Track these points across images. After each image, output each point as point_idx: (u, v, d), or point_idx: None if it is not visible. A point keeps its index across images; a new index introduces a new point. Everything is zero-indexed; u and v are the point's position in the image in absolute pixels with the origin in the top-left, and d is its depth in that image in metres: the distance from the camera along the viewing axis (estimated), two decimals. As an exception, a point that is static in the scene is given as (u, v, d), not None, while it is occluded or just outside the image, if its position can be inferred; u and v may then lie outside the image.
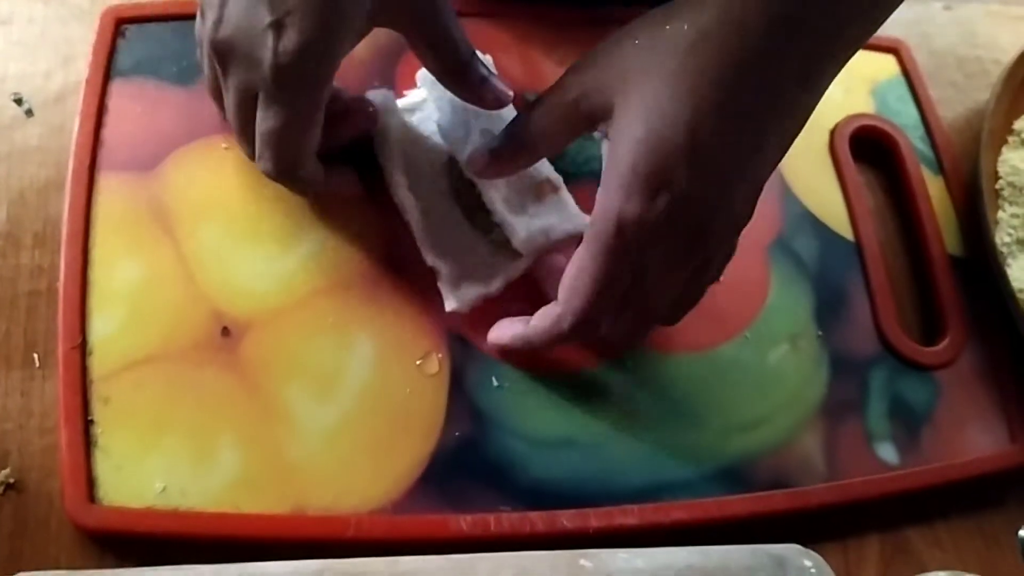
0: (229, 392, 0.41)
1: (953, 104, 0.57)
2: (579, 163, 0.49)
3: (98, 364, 0.40)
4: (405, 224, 0.45)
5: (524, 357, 0.43)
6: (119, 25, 0.47)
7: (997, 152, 0.54)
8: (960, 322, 0.49)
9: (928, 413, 0.47)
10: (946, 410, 0.47)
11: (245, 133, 0.41)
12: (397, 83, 0.48)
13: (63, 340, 0.40)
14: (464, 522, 0.40)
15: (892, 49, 0.57)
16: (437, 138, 0.46)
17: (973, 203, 0.52)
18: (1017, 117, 0.55)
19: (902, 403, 0.47)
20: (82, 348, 0.40)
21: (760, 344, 0.47)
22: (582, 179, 0.47)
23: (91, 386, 0.40)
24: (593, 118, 0.38)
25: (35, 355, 0.41)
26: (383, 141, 0.45)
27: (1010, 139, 0.55)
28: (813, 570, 0.37)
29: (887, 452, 0.46)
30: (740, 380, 0.46)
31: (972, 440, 0.47)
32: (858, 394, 0.47)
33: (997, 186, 0.53)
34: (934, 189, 0.53)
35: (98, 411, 0.39)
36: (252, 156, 0.41)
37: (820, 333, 0.48)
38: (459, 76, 0.42)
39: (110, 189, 0.43)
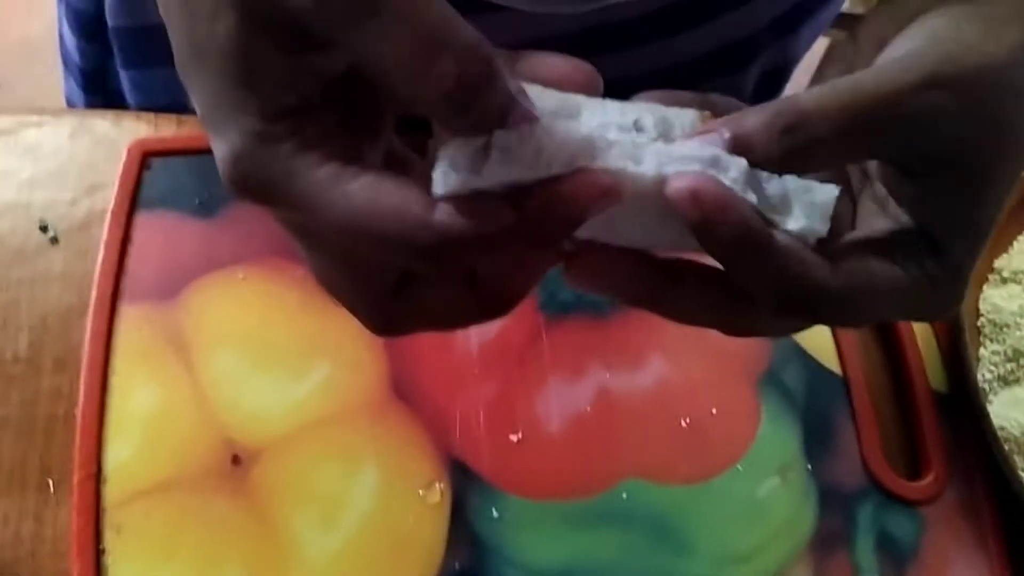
0: (238, 520, 0.42)
1: (936, 239, 0.60)
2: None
3: (111, 492, 0.41)
4: (412, 349, 0.47)
5: None
6: (145, 158, 0.49)
7: (979, 290, 0.57)
8: (943, 458, 0.51)
9: (914, 548, 0.49)
10: (931, 545, 0.49)
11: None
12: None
13: (78, 467, 0.41)
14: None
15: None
16: None
17: (955, 340, 0.54)
18: (998, 256, 0.58)
19: (888, 537, 0.49)
20: (97, 476, 0.41)
21: (751, 476, 0.49)
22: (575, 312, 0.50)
23: (103, 514, 0.41)
24: None
25: (50, 480, 0.42)
26: None
27: (991, 277, 0.57)
28: None
29: (874, 587, 0.47)
30: (732, 512, 0.48)
31: None
32: (846, 527, 0.48)
33: (978, 323, 0.55)
34: (918, 325, 0.55)
35: (109, 540, 0.40)
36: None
37: (809, 466, 0.50)
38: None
39: (131, 317, 0.45)
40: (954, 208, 0.29)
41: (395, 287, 0.29)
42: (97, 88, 0.60)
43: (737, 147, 0.26)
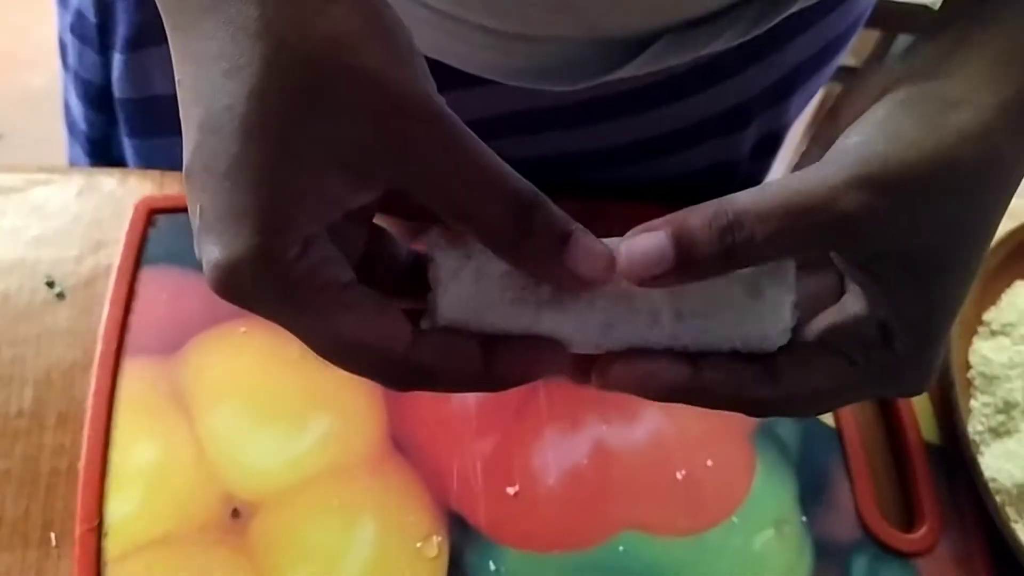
0: (237, 573, 0.42)
1: (925, 293, 0.61)
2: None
3: (112, 546, 0.42)
4: (411, 403, 0.47)
5: None
6: (151, 215, 0.50)
7: (968, 342, 0.57)
8: (936, 510, 0.51)
9: (909, 601, 0.49)
10: (926, 598, 0.49)
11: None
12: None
13: (80, 522, 0.42)
14: None
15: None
16: None
17: (946, 392, 0.55)
18: (987, 308, 0.59)
19: (884, 590, 0.49)
20: (98, 530, 0.42)
21: (747, 529, 0.49)
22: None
23: (105, 567, 0.41)
24: None
25: (52, 534, 0.42)
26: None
27: (980, 329, 0.58)
28: None
29: (870, 640, 0.47)
30: (728, 564, 0.48)
31: (952, 628, 0.49)
32: (841, 580, 0.49)
33: (969, 375, 0.56)
34: (909, 377, 0.56)
35: (110, 593, 0.41)
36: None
37: (804, 518, 0.50)
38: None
39: (134, 373, 0.46)
40: (905, 299, 0.30)
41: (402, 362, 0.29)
42: (101, 154, 0.61)
43: (681, 243, 0.28)
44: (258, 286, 0.26)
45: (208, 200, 0.26)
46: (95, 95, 0.58)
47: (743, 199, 0.28)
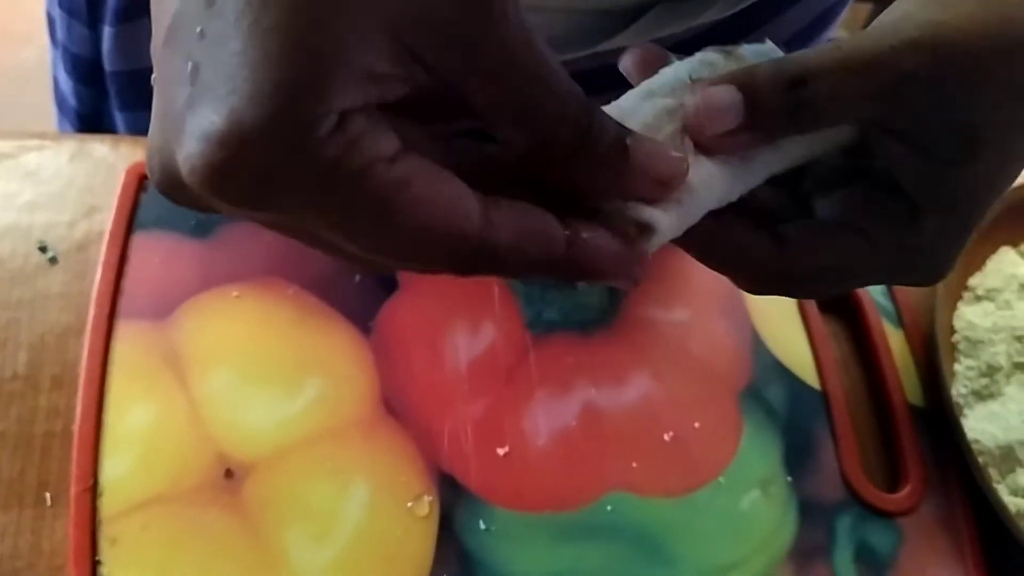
0: (231, 533, 0.43)
1: (912, 259, 0.62)
2: (567, 311, 0.53)
3: (107, 505, 0.42)
4: (403, 367, 0.48)
5: None
6: (142, 180, 0.50)
7: (953, 307, 0.58)
8: (920, 470, 0.52)
9: (892, 559, 0.50)
10: (909, 557, 0.50)
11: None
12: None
13: (75, 482, 0.42)
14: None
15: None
16: None
17: (931, 356, 0.55)
18: (972, 274, 0.60)
19: (867, 549, 0.50)
20: (93, 489, 0.42)
21: (733, 489, 0.50)
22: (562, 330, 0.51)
23: (100, 527, 0.42)
24: None
25: (47, 495, 0.43)
26: None
27: (965, 295, 0.59)
28: None
29: (854, 597, 0.48)
30: (715, 524, 0.49)
31: (934, 586, 0.50)
32: (825, 539, 0.50)
33: (953, 340, 0.57)
34: (895, 342, 0.57)
35: (105, 551, 0.41)
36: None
37: (789, 479, 0.51)
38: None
39: (127, 336, 0.46)
40: (946, 175, 0.30)
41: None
42: (92, 130, 0.61)
43: (747, 98, 0.28)
44: (281, 166, 0.20)
45: (208, 51, 0.20)
46: (85, 69, 0.58)
47: (803, 57, 0.28)
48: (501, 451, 0.48)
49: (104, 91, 0.58)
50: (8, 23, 1.77)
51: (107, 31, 0.53)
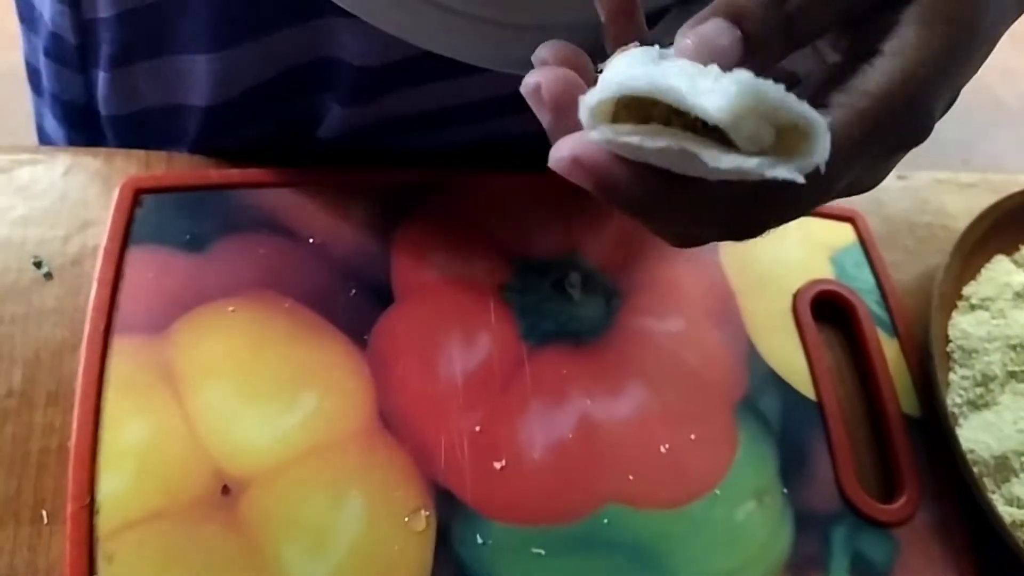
0: (227, 550, 0.43)
1: (906, 267, 0.62)
2: (562, 322, 0.53)
3: (104, 522, 0.42)
4: (398, 380, 0.48)
5: None
6: (137, 195, 0.50)
7: (947, 316, 0.58)
8: (915, 481, 0.52)
9: (888, 570, 0.50)
10: (904, 567, 0.50)
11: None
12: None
13: (72, 499, 0.42)
14: None
15: (849, 218, 0.62)
16: None
17: (925, 365, 0.56)
18: (966, 283, 0.60)
19: (863, 559, 0.50)
20: (90, 507, 0.42)
21: (729, 501, 0.50)
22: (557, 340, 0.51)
23: (96, 544, 0.42)
24: None
25: (43, 512, 0.43)
26: None
27: (960, 304, 0.59)
28: None
29: (849, 608, 0.49)
30: (711, 536, 0.49)
31: (929, 595, 0.50)
32: (821, 550, 0.50)
33: (948, 349, 0.57)
34: (890, 351, 0.57)
35: (102, 569, 0.41)
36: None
37: (785, 490, 0.51)
38: None
39: (122, 351, 0.46)
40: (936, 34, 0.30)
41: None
42: None
43: (732, 16, 0.28)
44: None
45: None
46: (77, 115, 0.58)
47: None
48: (497, 464, 0.48)
49: (98, 136, 0.58)
50: (6, 25, 1.76)
51: (101, 76, 0.53)
